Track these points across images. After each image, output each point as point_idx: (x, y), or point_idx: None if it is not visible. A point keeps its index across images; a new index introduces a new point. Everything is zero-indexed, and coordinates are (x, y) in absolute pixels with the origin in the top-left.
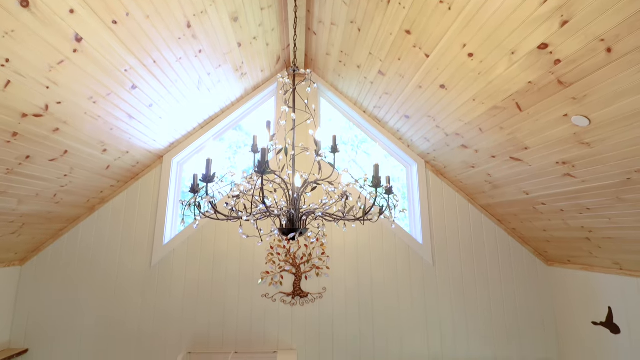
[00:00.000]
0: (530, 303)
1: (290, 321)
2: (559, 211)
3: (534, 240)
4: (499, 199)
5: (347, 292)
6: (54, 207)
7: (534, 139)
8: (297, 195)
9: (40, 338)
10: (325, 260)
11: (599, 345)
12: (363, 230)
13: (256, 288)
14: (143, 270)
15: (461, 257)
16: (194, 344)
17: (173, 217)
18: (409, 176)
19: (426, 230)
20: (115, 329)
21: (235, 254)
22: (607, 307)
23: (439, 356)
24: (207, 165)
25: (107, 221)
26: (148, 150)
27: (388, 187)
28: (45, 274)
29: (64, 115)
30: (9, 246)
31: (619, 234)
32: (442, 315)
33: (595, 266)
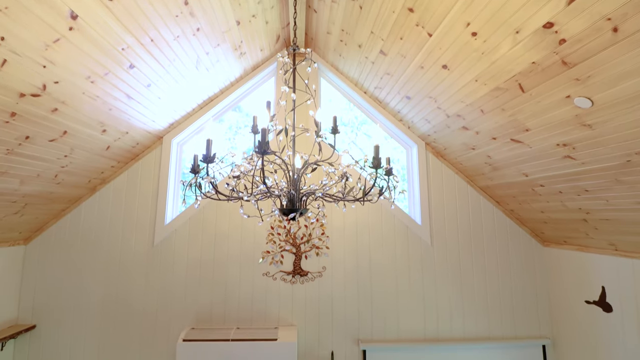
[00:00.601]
0: (526, 283)
1: (291, 299)
2: (557, 193)
3: (531, 221)
4: (498, 181)
5: (346, 271)
6: (56, 188)
7: (535, 120)
8: (297, 176)
9: (47, 314)
10: (325, 240)
11: (591, 323)
12: (363, 211)
13: (257, 267)
14: (146, 250)
15: (459, 238)
16: (197, 321)
17: (174, 197)
18: (409, 158)
19: (425, 211)
20: (120, 306)
21: (236, 234)
22: (601, 287)
23: (435, 334)
24: (207, 146)
25: (109, 201)
26: (147, 131)
27: (388, 168)
28: (50, 253)
29: (62, 95)
30: (13, 226)
31: (616, 215)
32: (439, 294)
33: (590, 247)
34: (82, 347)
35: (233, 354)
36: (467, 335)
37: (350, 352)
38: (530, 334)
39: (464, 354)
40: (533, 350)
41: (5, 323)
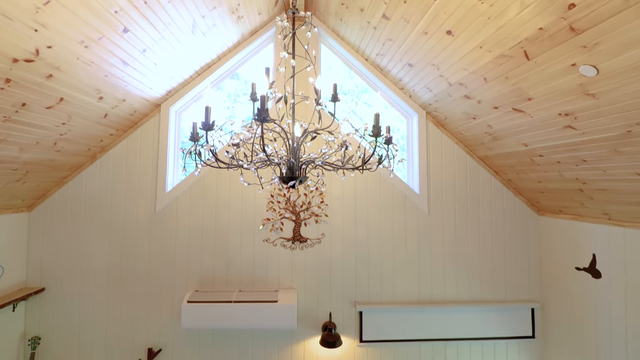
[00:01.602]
0: (519, 250)
1: (290, 264)
2: (555, 163)
3: (528, 190)
4: (497, 151)
5: (345, 238)
6: (56, 155)
7: (538, 89)
8: (296, 145)
9: (55, 278)
10: (323, 208)
11: (580, 289)
12: (361, 179)
13: (257, 234)
14: (148, 217)
15: (456, 207)
16: (200, 284)
17: (174, 165)
18: (409, 127)
19: (423, 180)
20: (125, 270)
21: (237, 201)
22: (592, 254)
23: (429, 297)
24: (206, 113)
25: (110, 169)
26: (145, 99)
27: (388, 137)
28: (54, 220)
29: (56, 60)
30: (15, 193)
31: (612, 185)
32: (434, 260)
33: (585, 216)
34: (91, 308)
35: (235, 315)
36: (460, 298)
37: (347, 313)
38: (520, 298)
39: (456, 315)
40: (522, 313)
41: (15, 286)
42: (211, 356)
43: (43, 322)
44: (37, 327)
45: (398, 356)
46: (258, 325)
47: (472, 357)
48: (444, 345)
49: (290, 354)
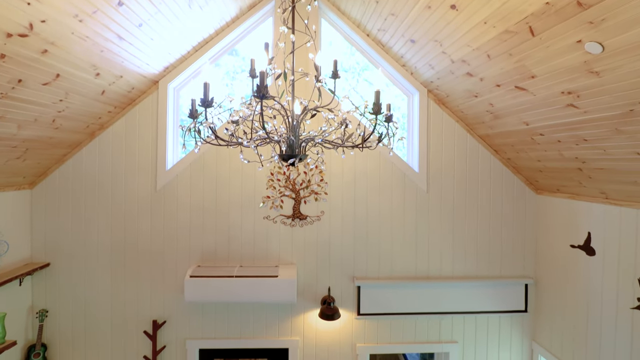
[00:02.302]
0: (515, 228)
1: (290, 240)
2: (555, 142)
3: (527, 169)
4: (498, 130)
5: (344, 216)
6: (55, 133)
7: (542, 67)
8: (296, 122)
9: (60, 253)
10: (323, 186)
11: (573, 265)
12: (361, 158)
13: (258, 211)
14: (149, 194)
15: (454, 185)
16: (202, 259)
17: (174, 143)
18: (410, 105)
19: (423, 159)
20: (128, 246)
21: (237, 179)
22: (587, 232)
23: (425, 272)
24: (205, 89)
25: (109, 147)
26: (142, 75)
27: (388, 114)
28: (56, 197)
29: (50, 35)
30: (16, 170)
31: (611, 165)
32: (431, 238)
33: (582, 195)
34: (96, 283)
35: (237, 289)
36: (456, 273)
37: (345, 288)
38: (514, 274)
39: (451, 290)
40: (516, 288)
41: (21, 261)
42: (214, 327)
43: (49, 296)
44: (43, 300)
45: (394, 328)
46: (259, 298)
47: (466, 330)
48: (439, 318)
49: (291, 325)
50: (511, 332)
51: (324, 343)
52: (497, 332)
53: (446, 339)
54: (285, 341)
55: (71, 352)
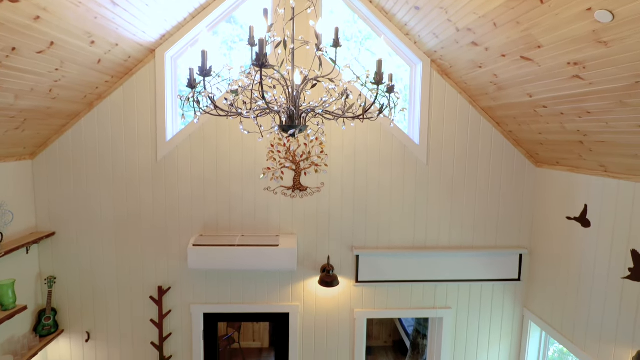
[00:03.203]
0: (513, 200)
1: (291, 211)
2: (558, 114)
3: (528, 142)
4: (501, 101)
5: (344, 187)
6: (52, 103)
7: (549, 36)
8: (296, 93)
9: (64, 223)
10: (323, 158)
11: (568, 237)
12: (362, 130)
13: (258, 182)
14: (150, 166)
15: (455, 158)
16: (204, 229)
17: (173, 113)
18: (412, 76)
19: (424, 131)
20: (132, 217)
21: (237, 150)
22: (584, 205)
23: (423, 243)
24: (203, 58)
25: (108, 117)
26: (138, 43)
27: (390, 85)
28: (57, 168)
29: (42, 0)
30: (16, 141)
31: (613, 138)
32: (429, 209)
33: (581, 168)
34: (101, 251)
35: (239, 257)
36: (452, 243)
37: (344, 257)
38: (510, 244)
39: (447, 259)
40: (510, 258)
41: (26, 230)
42: (217, 293)
43: (56, 264)
44: (51, 268)
45: (391, 295)
46: (260, 266)
47: (460, 297)
48: (435, 285)
49: (291, 292)
50: (504, 300)
51: (323, 308)
52: (490, 300)
53: (441, 305)
54: (286, 306)
55: (80, 316)
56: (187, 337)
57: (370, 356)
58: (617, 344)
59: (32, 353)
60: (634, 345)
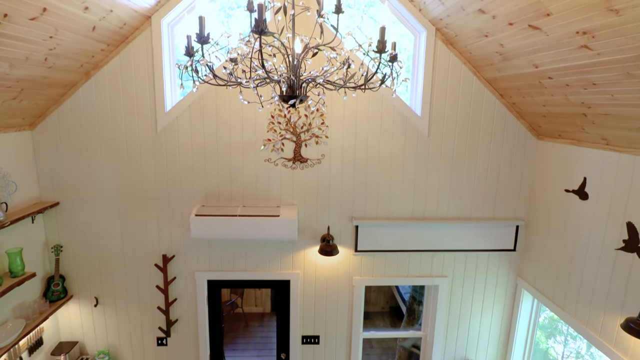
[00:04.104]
0: (513, 172)
1: (291, 182)
2: (563, 86)
3: (531, 114)
4: (505, 72)
5: (344, 159)
6: (48, 72)
7: (559, 3)
8: (297, 62)
9: (68, 193)
10: (324, 129)
11: (565, 209)
12: (363, 101)
13: (259, 153)
14: (150, 137)
15: (456, 129)
16: (206, 199)
17: (171, 83)
18: (416, 45)
19: (426, 102)
20: (134, 187)
21: (237, 121)
22: (583, 177)
23: (421, 214)
24: (200, 24)
25: (105, 87)
26: (133, 9)
27: (393, 54)
28: (57, 138)
29: None
30: (14, 111)
31: (617, 110)
32: (429, 181)
33: (583, 141)
34: (105, 221)
35: (240, 227)
36: (450, 215)
37: (344, 227)
38: (507, 216)
39: (445, 230)
40: (507, 229)
41: (30, 200)
42: (220, 261)
43: (62, 233)
44: (57, 236)
45: (389, 263)
46: (261, 236)
47: (456, 266)
48: (432, 255)
49: (292, 260)
50: (498, 269)
51: (323, 276)
52: (485, 269)
53: (437, 273)
54: (287, 274)
55: (88, 282)
56: (191, 302)
57: (367, 321)
58: (607, 312)
59: (43, 317)
60: (622, 313)
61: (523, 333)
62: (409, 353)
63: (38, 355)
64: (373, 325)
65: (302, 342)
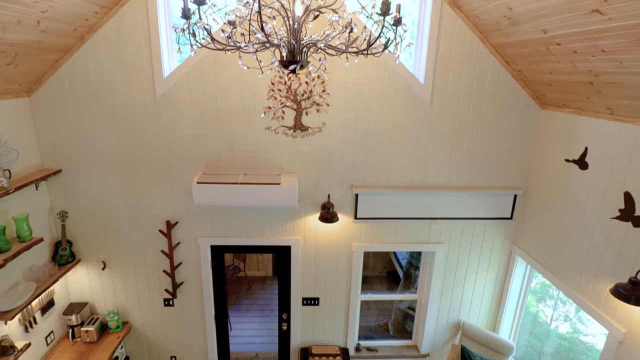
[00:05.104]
0: (515, 141)
1: (292, 150)
2: (571, 53)
3: (536, 82)
4: (513, 38)
5: (345, 127)
6: (42, 36)
7: None
8: (297, 25)
9: (70, 160)
10: (325, 97)
11: (564, 178)
12: (365, 67)
13: (259, 121)
14: (149, 103)
15: (459, 97)
16: (207, 167)
17: (168, 47)
18: (421, 8)
19: (430, 69)
20: (135, 155)
21: (237, 88)
22: (584, 147)
23: (421, 182)
24: None
25: (101, 51)
26: None
27: (397, 16)
28: (56, 105)
29: None
30: (10, 77)
31: (624, 79)
32: (430, 150)
33: (587, 110)
34: (108, 188)
35: (242, 194)
36: (450, 184)
37: (344, 195)
38: (506, 185)
39: (444, 199)
40: (505, 198)
41: (33, 167)
42: (223, 227)
43: (66, 200)
44: (61, 203)
45: (387, 230)
46: (263, 203)
47: (453, 233)
48: (430, 223)
49: (293, 227)
50: (494, 236)
51: (323, 242)
52: (481, 236)
53: (434, 240)
54: (288, 240)
55: (95, 247)
56: (196, 266)
57: (365, 284)
58: (597, 278)
59: (53, 280)
60: (612, 279)
61: (515, 297)
62: (404, 314)
63: (50, 315)
64: (371, 288)
65: (302, 304)
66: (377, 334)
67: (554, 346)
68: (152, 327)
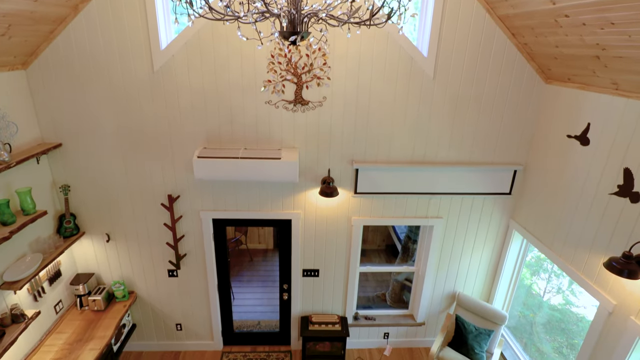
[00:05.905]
0: (517, 116)
1: (292, 125)
2: (580, 25)
3: (542, 56)
4: (520, 9)
5: (346, 101)
6: (35, 6)
7: None
8: None
9: (69, 134)
10: (326, 70)
11: (565, 154)
12: (367, 39)
13: (259, 95)
14: (147, 76)
15: (463, 71)
16: (207, 142)
17: (165, 18)
18: None
19: (434, 41)
20: (134, 129)
21: (236, 60)
22: (587, 123)
23: (421, 158)
24: None
25: (96, 22)
26: None
27: None
28: (53, 78)
29: None
30: (4, 49)
31: (633, 53)
32: (431, 124)
33: (592, 85)
34: (109, 162)
35: (242, 169)
36: (450, 159)
37: (344, 170)
38: (506, 161)
39: (443, 174)
40: (505, 174)
41: (33, 141)
42: (224, 201)
43: (68, 173)
44: (63, 177)
45: (387, 205)
46: (263, 178)
47: (452, 208)
48: (429, 198)
49: (293, 201)
50: (492, 211)
51: (323, 216)
52: (479, 211)
53: (433, 214)
54: (289, 214)
55: (98, 220)
56: (198, 239)
57: (364, 257)
58: (592, 252)
59: (59, 251)
60: (606, 253)
61: (510, 270)
62: (401, 285)
63: (58, 285)
64: (369, 261)
65: (302, 275)
66: (375, 304)
67: (545, 317)
68: (157, 296)
